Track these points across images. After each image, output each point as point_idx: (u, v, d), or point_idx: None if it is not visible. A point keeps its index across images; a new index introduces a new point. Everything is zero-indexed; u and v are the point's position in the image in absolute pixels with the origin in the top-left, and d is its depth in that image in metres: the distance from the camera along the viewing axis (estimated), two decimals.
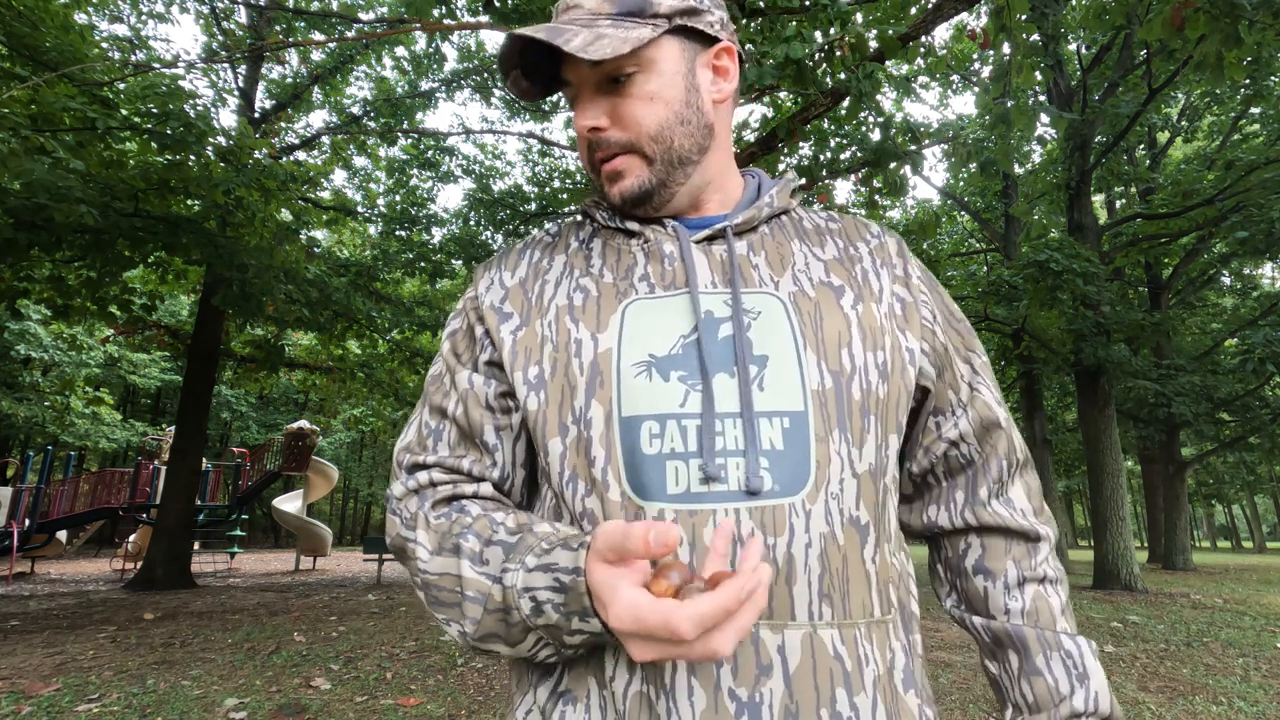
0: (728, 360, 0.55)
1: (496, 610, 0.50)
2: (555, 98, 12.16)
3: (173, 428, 11.44)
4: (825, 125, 7.71)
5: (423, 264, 11.83)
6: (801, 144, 7.30)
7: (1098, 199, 16.64)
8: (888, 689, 0.51)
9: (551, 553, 0.49)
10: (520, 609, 0.49)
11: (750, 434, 0.52)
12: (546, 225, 0.77)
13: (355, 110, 12.95)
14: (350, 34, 9.86)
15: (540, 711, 0.54)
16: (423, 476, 0.60)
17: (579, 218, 0.72)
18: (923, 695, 0.56)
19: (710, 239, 0.63)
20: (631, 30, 0.58)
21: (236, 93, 11.27)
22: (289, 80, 12.12)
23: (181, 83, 6.40)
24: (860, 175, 6.80)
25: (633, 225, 0.64)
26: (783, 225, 0.67)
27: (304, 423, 14.22)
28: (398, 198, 13.13)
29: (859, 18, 5.73)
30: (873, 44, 4.73)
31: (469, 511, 0.56)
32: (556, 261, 0.66)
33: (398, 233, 12.33)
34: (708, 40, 0.63)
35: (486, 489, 0.60)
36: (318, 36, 10.86)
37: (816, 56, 4.59)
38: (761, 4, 4.59)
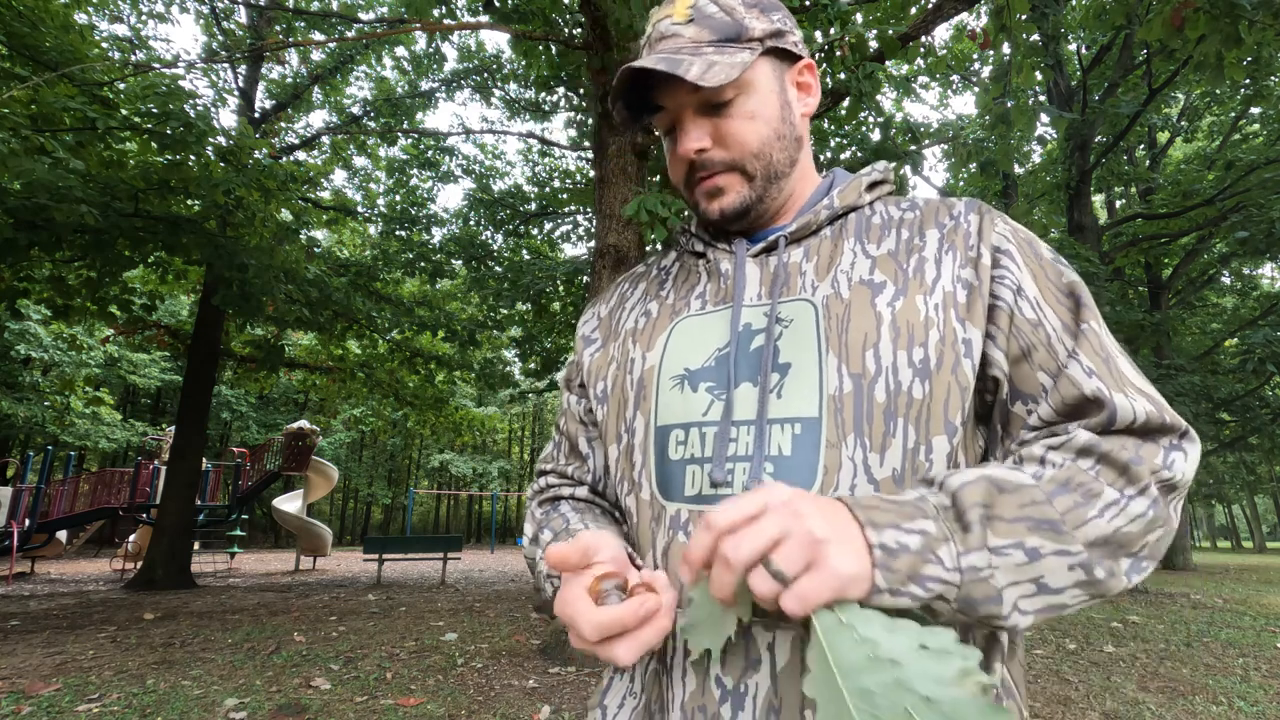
0: (754, 370, 0.58)
1: (535, 587, 0.69)
2: (555, 98, 12.23)
3: (173, 428, 11.43)
4: (825, 125, 7.72)
5: (423, 264, 11.82)
6: None
7: (1098, 199, 16.64)
8: None
9: None
10: (545, 590, 0.63)
11: (759, 441, 0.54)
12: (650, 257, 0.81)
13: (355, 110, 12.96)
14: (350, 34, 9.86)
15: (614, 675, 0.66)
16: (541, 481, 0.75)
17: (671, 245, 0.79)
18: None
19: (767, 250, 0.65)
20: (735, 55, 0.61)
21: (236, 93, 11.26)
22: (289, 80, 12.12)
23: (181, 83, 6.39)
24: None
25: (698, 246, 0.70)
26: (845, 224, 0.65)
27: (304, 423, 14.21)
28: (398, 198, 13.12)
29: (859, 18, 5.73)
30: (873, 44, 4.72)
31: (561, 510, 0.69)
32: (638, 289, 0.75)
33: (398, 233, 12.33)
34: (793, 58, 0.66)
35: (583, 491, 0.73)
36: (318, 36, 10.86)
37: (816, 56, 4.59)
38: None
